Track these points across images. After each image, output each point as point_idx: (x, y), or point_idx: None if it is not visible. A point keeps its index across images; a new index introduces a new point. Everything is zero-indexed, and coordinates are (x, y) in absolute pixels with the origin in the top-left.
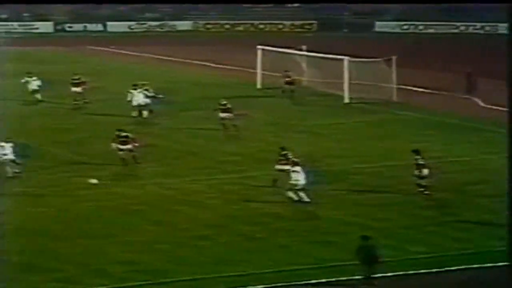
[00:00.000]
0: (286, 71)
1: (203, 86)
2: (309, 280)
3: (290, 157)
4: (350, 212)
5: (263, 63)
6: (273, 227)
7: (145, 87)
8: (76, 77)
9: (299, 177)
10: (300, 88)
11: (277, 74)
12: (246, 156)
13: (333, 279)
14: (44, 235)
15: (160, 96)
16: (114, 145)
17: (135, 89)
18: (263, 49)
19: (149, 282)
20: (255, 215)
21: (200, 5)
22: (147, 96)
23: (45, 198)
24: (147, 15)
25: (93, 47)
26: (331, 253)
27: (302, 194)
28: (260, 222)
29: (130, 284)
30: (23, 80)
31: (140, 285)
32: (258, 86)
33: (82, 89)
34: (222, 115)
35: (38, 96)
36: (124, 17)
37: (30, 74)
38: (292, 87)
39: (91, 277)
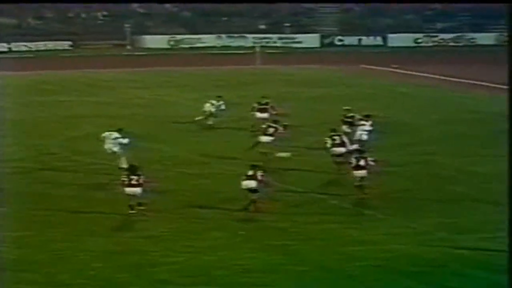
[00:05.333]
0: None
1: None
2: None
3: None
4: None
5: None
6: None
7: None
8: (264, 101)
9: None
10: None
11: None
12: None
13: None
14: None
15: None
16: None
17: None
18: None
19: None
20: None
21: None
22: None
23: (303, 253)
24: (438, 25)
25: (368, 66)
26: None
27: None
28: None
29: None
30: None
31: None
32: None
33: (270, 115)
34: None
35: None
36: (409, 28)
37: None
38: None
39: None
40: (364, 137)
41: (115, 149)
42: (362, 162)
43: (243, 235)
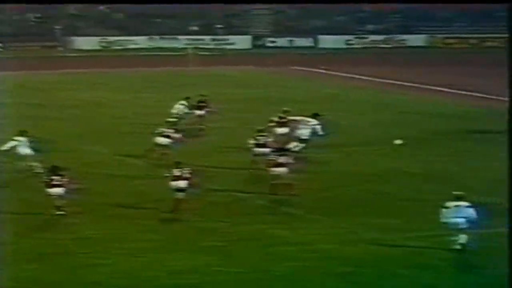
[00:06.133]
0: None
1: (445, 118)
2: None
3: None
4: None
5: None
6: None
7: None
8: (203, 99)
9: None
10: None
11: None
12: None
13: None
14: None
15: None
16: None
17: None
18: None
19: None
20: None
21: (440, 15)
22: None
23: (239, 255)
24: (369, 26)
25: (300, 68)
26: None
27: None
28: None
29: None
30: None
31: None
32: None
33: (207, 112)
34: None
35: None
36: (340, 29)
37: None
38: None
39: None
40: (304, 136)
41: (27, 151)
42: (282, 160)
43: (173, 236)
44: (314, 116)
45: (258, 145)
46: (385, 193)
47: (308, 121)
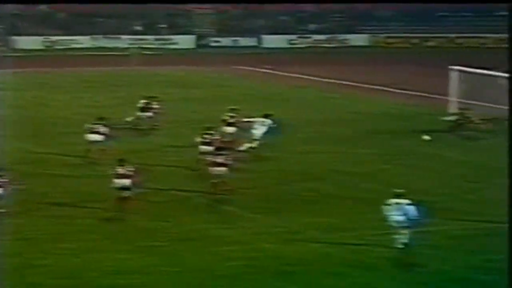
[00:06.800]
0: None
1: (387, 117)
2: None
3: None
4: None
5: (460, 88)
6: None
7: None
8: (151, 100)
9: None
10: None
11: (478, 103)
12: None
13: None
14: None
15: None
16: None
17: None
18: (459, 71)
19: None
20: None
21: (382, 15)
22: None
23: (180, 255)
24: (311, 26)
25: (243, 67)
26: None
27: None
28: None
29: None
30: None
31: None
32: (452, 117)
33: (154, 113)
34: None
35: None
36: (283, 29)
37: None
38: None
39: None
40: (258, 136)
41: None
42: (222, 159)
43: (114, 236)
44: (266, 116)
45: (204, 144)
46: (326, 192)
47: (263, 121)
